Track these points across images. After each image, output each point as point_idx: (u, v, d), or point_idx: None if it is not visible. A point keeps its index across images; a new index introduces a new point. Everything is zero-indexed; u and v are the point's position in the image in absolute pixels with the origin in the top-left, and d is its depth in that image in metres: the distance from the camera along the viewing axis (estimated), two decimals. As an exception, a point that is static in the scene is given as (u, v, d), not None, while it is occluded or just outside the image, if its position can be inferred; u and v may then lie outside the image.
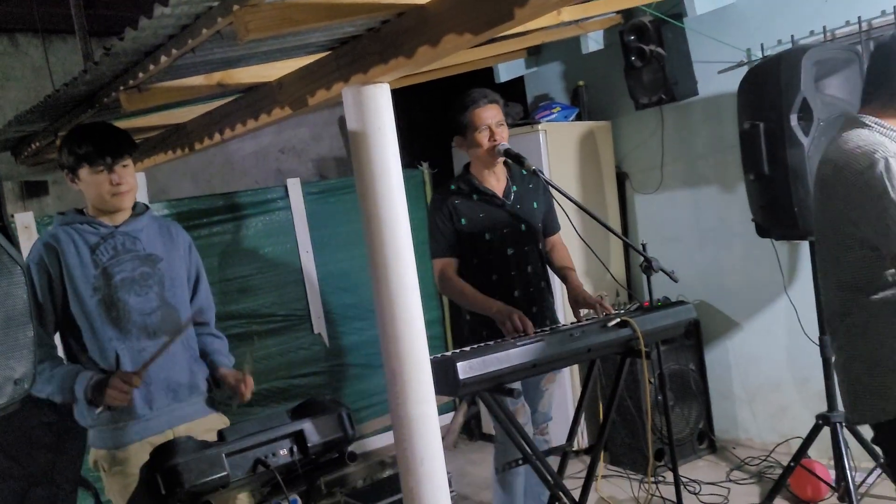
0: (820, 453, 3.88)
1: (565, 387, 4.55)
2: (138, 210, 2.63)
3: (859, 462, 3.68)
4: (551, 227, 3.39)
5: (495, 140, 3.10)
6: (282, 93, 2.53)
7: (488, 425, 4.91)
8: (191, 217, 4.02)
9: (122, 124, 2.73)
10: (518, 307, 3.12)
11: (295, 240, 4.40)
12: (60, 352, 2.59)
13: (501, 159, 3.15)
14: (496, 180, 3.23)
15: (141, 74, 2.24)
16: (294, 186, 4.41)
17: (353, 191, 2.23)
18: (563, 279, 3.32)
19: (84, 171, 2.48)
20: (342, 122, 5.43)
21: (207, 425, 2.61)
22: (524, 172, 3.25)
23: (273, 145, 5.23)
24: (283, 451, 2.15)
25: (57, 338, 2.59)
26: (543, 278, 3.32)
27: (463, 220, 3.15)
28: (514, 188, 3.25)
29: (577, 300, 3.15)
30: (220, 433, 2.11)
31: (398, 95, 2.22)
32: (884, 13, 3.61)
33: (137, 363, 2.49)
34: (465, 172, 3.26)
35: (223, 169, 5.01)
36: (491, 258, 3.17)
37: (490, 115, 3.11)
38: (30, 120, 3.03)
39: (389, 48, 2.02)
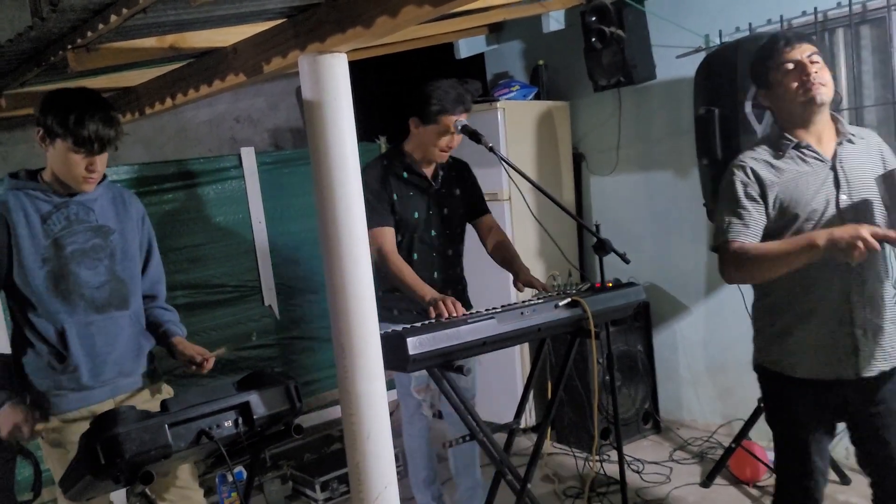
0: (760, 435, 3.97)
1: (514, 365, 4.58)
2: None
3: (797, 444, 3.77)
4: (479, 208, 3.40)
5: (451, 146, 3.13)
6: (236, 59, 2.47)
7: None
8: (142, 183, 3.93)
9: (69, 85, 2.64)
10: (436, 289, 3.13)
11: (247, 210, 4.33)
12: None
13: (456, 142, 3.15)
14: (427, 164, 3.24)
15: (90, 33, 2.17)
16: (248, 156, 4.33)
17: (309, 162, 2.19)
18: (508, 265, 3.30)
19: (63, 145, 2.34)
20: (300, 92, 5.33)
21: (151, 395, 2.57)
22: (451, 160, 3.29)
23: (228, 114, 5.14)
24: (228, 423, 2.13)
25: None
26: (460, 264, 3.37)
27: (395, 196, 3.15)
28: (441, 173, 3.26)
29: (522, 280, 3.16)
30: (164, 403, 2.09)
31: (358, 68, 2.20)
32: (839, 4, 3.66)
33: (84, 337, 2.44)
34: (399, 151, 3.23)
35: (177, 136, 4.91)
36: (415, 238, 3.19)
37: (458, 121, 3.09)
38: (-28, 77, 2.93)
39: (347, 17, 1.99)
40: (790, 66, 2.34)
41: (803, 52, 2.33)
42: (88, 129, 2.32)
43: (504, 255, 3.33)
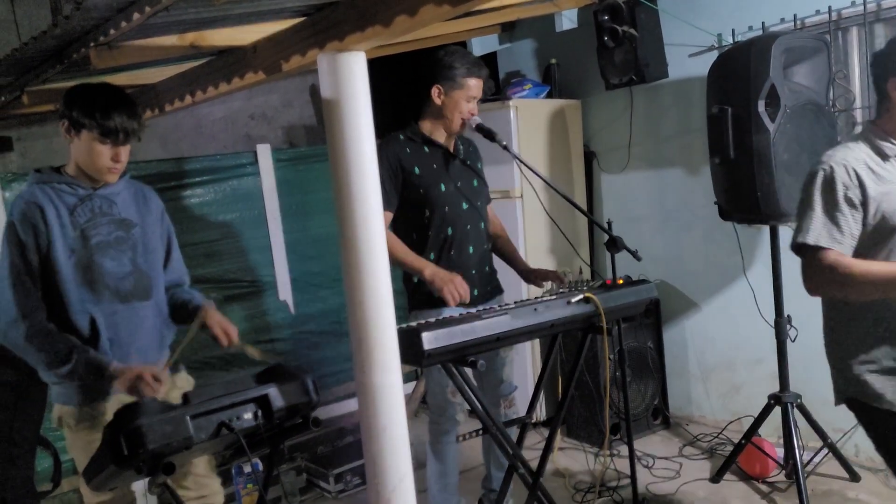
0: (770, 432, 4.00)
1: (525, 361, 4.61)
2: None
3: (807, 441, 3.80)
4: (487, 196, 3.40)
5: (474, 113, 3.12)
6: (256, 57, 2.50)
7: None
8: (158, 180, 3.97)
9: (90, 82, 2.67)
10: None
11: (263, 206, 4.37)
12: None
13: (463, 132, 3.17)
14: (446, 137, 3.21)
15: (112, 31, 2.20)
16: (264, 153, 4.38)
17: (323, 159, 2.23)
18: (510, 259, 3.35)
19: (88, 136, 2.41)
20: (314, 89, 5.39)
21: (172, 385, 2.61)
22: (464, 137, 3.29)
23: (243, 111, 5.17)
24: (248, 415, 2.16)
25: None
26: (490, 241, 3.33)
27: (416, 169, 3.09)
28: (461, 147, 3.27)
29: (536, 275, 3.19)
30: (185, 396, 2.12)
31: (370, 66, 2.22)
32: (853, 3, 3.67)
33: (109, 326, 2.50)
34: (414, 125, 3.20)
35: (192, 133, 4.95)
36: (447, 211, 3.13)
37: (479, 87, 3.12)
38: (-5, 74, 2.97)
39: (366, 16, 2.01)
40: None
41: None
42: (114, 121, 2.39)
43: (505, 248, 3.37)
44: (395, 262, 2.98)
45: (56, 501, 3.63)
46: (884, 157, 2.23)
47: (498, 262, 3.40)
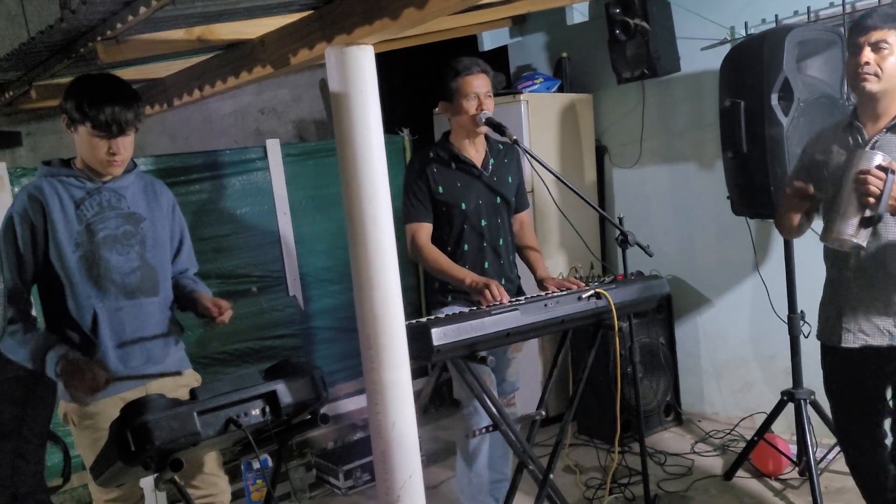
0: (783, 429, 3.96)
1: (535, 356, 4.59)
2: (126, 167, 2.56)
3: (821, 438, 3.76)
4: (521, 203, 3.39)
5: (482, 109, 3.10)
6: (263, 51, 2.49)
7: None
8: (168, 175, 3.96)
9: (90, 74, 2.66)
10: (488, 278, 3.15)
11: (272, 201, 4.36)
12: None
13: (483, 130, 3.15)
14: (475, 150, 3.23)
15: (119, 25, 2.20)
16: (273, 147, 4.36)
17: (333, 154, 2.21)
18: (531, 266, 3.35)
19: (84, 130, 2.38)
20: (323, 84, 5.37)
21: (180, 382, 2.60)
22: (501, 147, 3.28)
23: (253, 105, 5.17)
24: (256, 411, 2.15)
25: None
26: (512, 252, 3.35)
27: (440, 189, 3.14)
28: (492, 160, 3.25)
29: (549, 283, 3.17)
30: (192, 392, 2.11)
31: (380, 60, 2.20)
32: (867, -5, 3.63)
33: (114, 322, 2.48)
34: (445, 140, 3.25)
35: (202, 127, 4.95)
36: (465, 228, 3.18)
37: (479, 83, 3.10)
38: (3, 68, 2.96)
39: (374, 9, 2.00)
40: (854, 49, 2.43)
41: (870, 38, 2.39)
42: (104, 113, 2.34)
43: (528, 258, 3.38)
44: (440, 273, 3.10)
45: (66, 496, 3.64)
46: (840, 128, 2.64)
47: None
